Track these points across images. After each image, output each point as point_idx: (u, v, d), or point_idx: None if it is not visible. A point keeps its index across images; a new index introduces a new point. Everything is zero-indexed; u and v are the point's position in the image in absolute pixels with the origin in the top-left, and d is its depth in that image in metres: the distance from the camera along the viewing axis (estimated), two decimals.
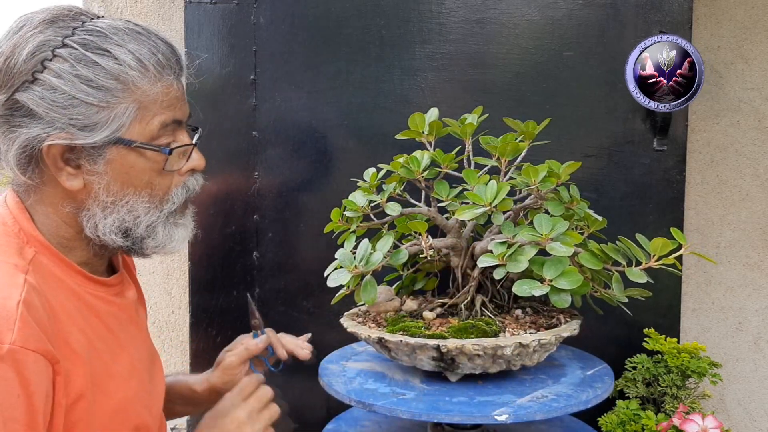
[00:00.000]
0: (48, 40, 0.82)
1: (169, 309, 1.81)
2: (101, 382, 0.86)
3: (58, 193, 0.87)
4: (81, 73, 0.81)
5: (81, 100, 0.82)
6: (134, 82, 0.84)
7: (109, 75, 0.82)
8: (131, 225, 0.89)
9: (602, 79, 1.50)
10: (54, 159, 0.83)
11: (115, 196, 0.87)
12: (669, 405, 1.35)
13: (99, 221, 0.87)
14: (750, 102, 1.69)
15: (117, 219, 0.87)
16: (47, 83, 0.81)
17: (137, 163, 0.87)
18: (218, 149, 1.54)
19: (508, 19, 1.50)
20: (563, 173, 1.12)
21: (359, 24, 1.52)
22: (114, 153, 0.85)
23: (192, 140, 0.93)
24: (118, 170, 0.86)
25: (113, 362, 0.90)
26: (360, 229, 1.24)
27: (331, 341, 1.38)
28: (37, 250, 0.85)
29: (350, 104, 1.54)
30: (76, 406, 0.81)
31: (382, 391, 1.09)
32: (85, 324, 0.87)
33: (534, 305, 1.25)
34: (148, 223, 0.90)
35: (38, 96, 0.81)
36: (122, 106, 0.84)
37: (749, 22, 1.68)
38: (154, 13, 1.75)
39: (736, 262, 1.72)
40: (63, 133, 0.82)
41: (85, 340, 0.85)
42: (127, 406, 0.90)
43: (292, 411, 1.33)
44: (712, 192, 1.72)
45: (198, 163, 0.94)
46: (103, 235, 0.88)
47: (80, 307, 0.87)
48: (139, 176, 0.88)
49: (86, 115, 0.82)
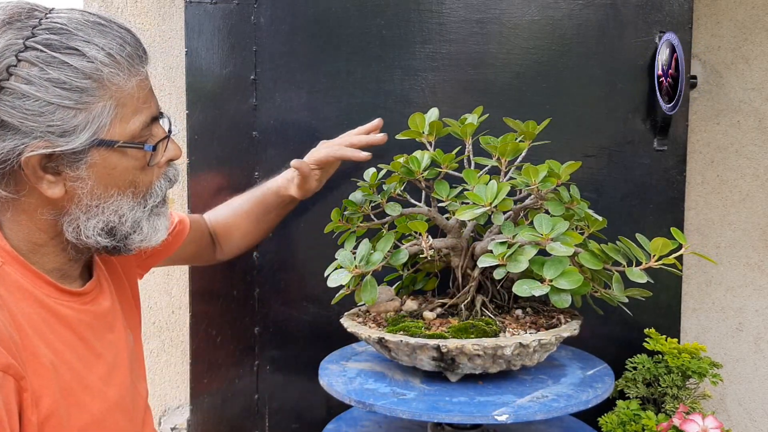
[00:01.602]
0: (9, 45, 0.76)
1: (169, 309, 1.81)
2: (74, 395, 0.83)
3: (36, 201, 0.83)
4: (52, 77, 0.77)
5: (57, 104, 0.77)
6: (108, 79, 0.80)
7: (83, 74, 0.78)
8: (117, 224, 0.86)
9: (602, 79, 1.50)
10: (33, 169, 0.79)
11: (99, 199, 0.84)
12: (669, 405, 1.35)
13: (81, 224, 0.84)
14: (750, 102, 1.69)
15: (101, 220, 0.85)
16: (17, 91, 0.76)
17: (120, 164, 0.84)
18: (218, 149, 1.54)
19: (508, 19, 1.50)
20: (563, 173, 1.12)
21: (359, 24, 1.52)
22: (96, 156, 0.82)
23: (166, 130, 0.90)
24: (100, 173, 0.83)
25: (88, 372, 0.87)
26: (360, 229, 1.24)
27: (331, 341, 1.38)
28: (3, 261, 0.82)
29: (350, 104, 1.53)
30: (49, 420, 0.78)
31: (382, 391, 1.09)
32: (53, 336, 0.83)
33: (534, 305, 1.25)
34: (133, 220, 0.87)
35: (10, 106, 0.76)
36: (99, 105, 0.80)
37: (749, 22, 1.68)
38: (154, 13, 1.75)
39: (736, 262, 1.72)
40: (42, 141, 0.78)
41: (52, 353, 0.81)
42: (105, 417, 0.87)
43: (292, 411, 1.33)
44: (712, 192, 1.72)
45: (175, 153, 0.92)
46: (86, 238, 0.85)
47: (47, 318, 0.83)
48: (123, 176, 0.85)
49: (64, 120, 0.78)
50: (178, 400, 1.84)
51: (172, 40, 1.73)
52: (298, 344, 1.59)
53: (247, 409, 1.61)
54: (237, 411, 1.61)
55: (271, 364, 1.60)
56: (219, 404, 1.61)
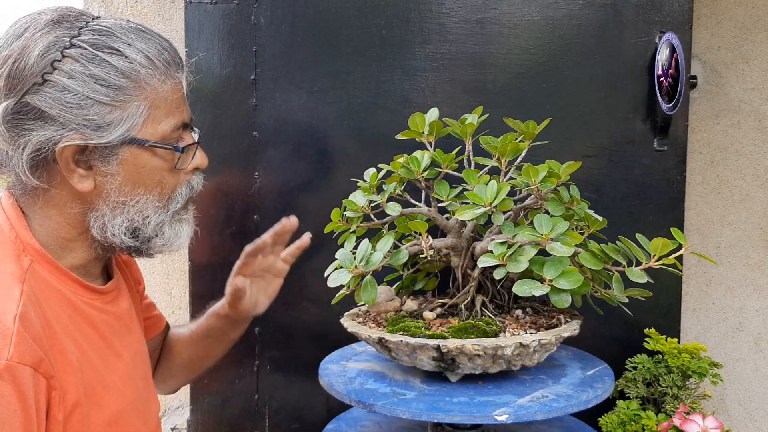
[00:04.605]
0: (56, 41, 0.81)
1: (170, 309, 1.81)
2: (95, 394, 0.85)
3: (66, 194, 0.86)
4: (93, 73, 0.81)
5: (95, 99, 0.82)
6: (145, 80, 0.84)
7: (121, 73, 0.83)
8: (140, 225, 0.88)
9: (602, 79, 1.50)
10: (66, 161, 0.83)
11: (126, 196, 0.87)
12: (669, 405, 1.35)
13: (108, 221, 0.87)
14: (750, 102, 1.69)
15: (126, 219, 0.87)
16: (59, 84, 0.80)
17: (149, 163, 0.87)
18: (218, 149, 1.54)
19: (508, 19, 1.50)
20: (563, 173, 1.12)
21: (359, 24, 1.52)
22: (127, 153, 0.85)
23: (195, 139, 0.94)
24: (130, 170, 0.86)
25: (108, 372, 0.89)
26: (360, 229, 1.24)
27: (331, 341, 1.38)
28: (32, 259, 0.84)
29: (350, 104, 1.54)
30: (71, 418, 0.80)
31: (382, 391, 1.09)
32: (79, 334, 0.86)
33: (534, 305, 1.25)
34: (156, 223, 0.90)
35: (50, 98, 0.80)
36: (134, 104, 0.84)
37: (749, 22, 1.68)
38: (154, 13, 1.75)
39: (736, 262, 1.72)
40: (77, 134, 0.82)
41: (78, 351, 0.84)
42: (122, 417, 0.89)
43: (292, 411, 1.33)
44: (712, 192, 1.72)
45: (202, 161, 0.95)
46: (111, 236, 0.87)
47: (74, 317, 0.86)
48: (151, 175, 0.88)
49: (100, 115, 0.82)
50: (178, 400, 1.84)
51: (172, 40, 1.71)
52: (298, 344, 1.59)
53: (247, 409, 1.61)
54: (237, 411, 1.61)
55: (271, 364, 1.60)
56: (219, 404, 1.61)
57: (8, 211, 0.87)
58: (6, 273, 0.80)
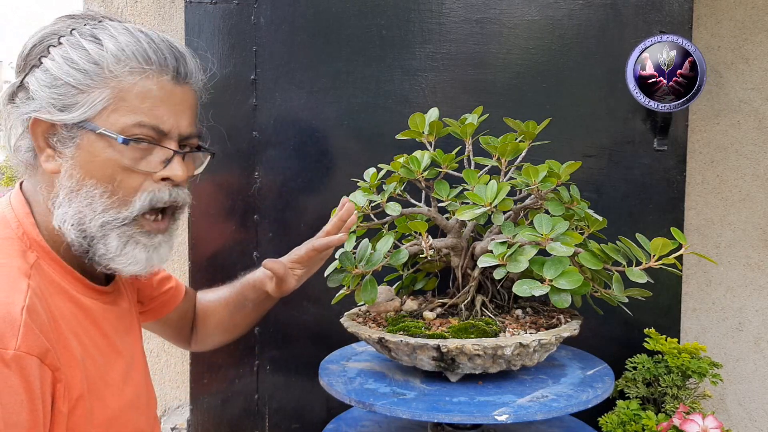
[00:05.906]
0: (59, 29, 0.87)
1: None
2: (97, 389, 0.86)
3: (41, 176, 0.89)
4: (69, 56, 0.85)
5: (64, 80, 0.85)
6: (110, 69, 0.85)
7: (91, 59, 0.85)
8: (87, 219, 0.86)
9: (602, 79, 1.50)
10: (37, 137, 0.86)
11: (77, 184, 0.86)
12: (669, 405, 1.35)
13: (63, 209, 0.86)
14: (750, 102, 1.69)
15: (75, 209, 0.86)
16: (44, 65, 0.85)
17: (103, 153, 0.85)
18: (218, 149, 1.54)
19: (508, 19, 1.50)
20: (563, 173, 1.12)
21: (359, 24, 1.52)
22: (84, 138, 0.86)
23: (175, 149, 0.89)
24: (84, 156, 0.86)
25: (109, 369, 0.90)
26: (360, 229, 1.24)
27: (331, 341, 1.38)
28: (38, 255, 0.86)
29: (350, 104, 1.53)
30: (75, 411, 0.82)
31: (382, 391, 1.09)
32: (81, 330, 0.87)
33: (534, 305, 1.25)
34: (102, 222, 0.86)
35: (35, 77, 0.86)
36: (98, 90, 0.85)
37: (749, 22, 1.68)
38: (154, 13, 1.75)
39: (736, 262, 1.72)
40: (45, 111, 0.85)
41: (81, 347, 0.85)
42: (122, 414, 0.90)
43: (292, 411, 1.33)
44: (712, 192, 1.72)
45: (174, 173, 0.89)
46: (62, 224, 0.86)
47: (77, 313, 0.87)
48: (103, 167, 0.86)
49: (66, 96, 0.85)
50: (178, 400, 1.84)
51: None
52: (298, 344, 1.59)
53: (247, 409, 1.61)
54: (237, 411, 1.61)
55: (271, 364, 1.60)
56: (219, 404, 1.61)
57: (16, 206, 0.88)
58: (13, 267, 0.81)
